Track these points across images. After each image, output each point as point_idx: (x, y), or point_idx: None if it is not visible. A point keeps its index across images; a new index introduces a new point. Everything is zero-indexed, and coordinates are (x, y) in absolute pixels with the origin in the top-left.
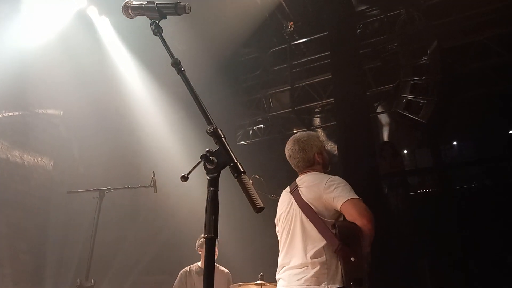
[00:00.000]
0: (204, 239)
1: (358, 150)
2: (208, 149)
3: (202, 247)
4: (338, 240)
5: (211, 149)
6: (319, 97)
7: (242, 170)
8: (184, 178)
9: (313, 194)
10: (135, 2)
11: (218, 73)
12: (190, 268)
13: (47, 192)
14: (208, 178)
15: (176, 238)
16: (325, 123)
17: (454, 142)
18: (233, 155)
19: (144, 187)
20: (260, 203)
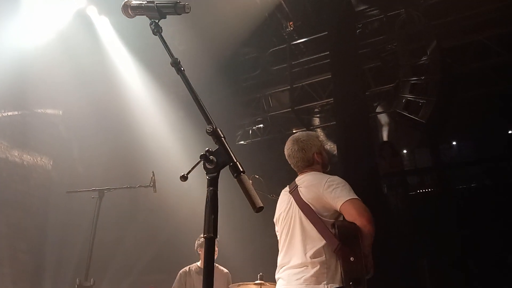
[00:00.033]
0: (203, 239)
1: (357, 150)
2: (207, 148)
3: (202, 247)
4: (337, 240)
5: (211, 148)
6: (319, 97)
7: (242, 170)
8: (183, 177)
9: (312, 194)
10: (135, 2)
11: (218, 73)
12: (189, 268)
13: (47, 192)
14: (207, 177)
15: (175, 238)
16: (324, 123)
17: (454, 142)
18: (232, 155)
19: (143, 187)
20: (259, 203)
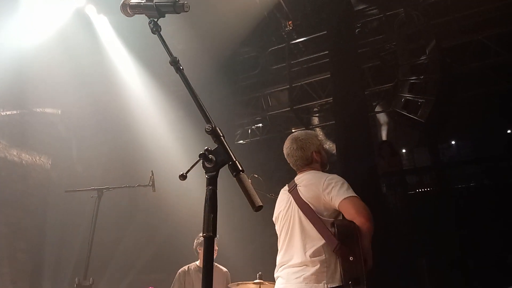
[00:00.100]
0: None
1: (356, 149)
2: (206, 147)
3: (201, 246)
4: (336, 239)
5: (210, 147)
6: (318, 96)
7: (241, 169)
8: (182, 177)
9: (311, 193)
10: (134, 1)
11: (217, 72)
12: (188, 267)
13: (45, 191)
14: (206, 176)
15: (174, 237)
16: (323, 122)
17: (453, 141)
18: (231, 154)
19: (142, 186)
20: (258, 202)
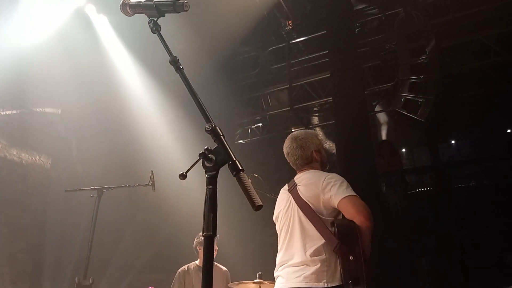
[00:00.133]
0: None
1: (356, 149)
2: (206, 147)
3: (201, 245)
4: (336, 239)
5: (210, 147)
6: (318, 95)
7: (241, 168)
8: (182, 176)
9: (311, 193)
10: (133, 0)
11: (217, 71)
12: (188, 266)
13: (45, 191)
14: (206, 176)
15: (174, 237)
16: (323, 122)
17: (453, 141)
18: (231, 153)
19: (142, 186)
20: (258, 201)
